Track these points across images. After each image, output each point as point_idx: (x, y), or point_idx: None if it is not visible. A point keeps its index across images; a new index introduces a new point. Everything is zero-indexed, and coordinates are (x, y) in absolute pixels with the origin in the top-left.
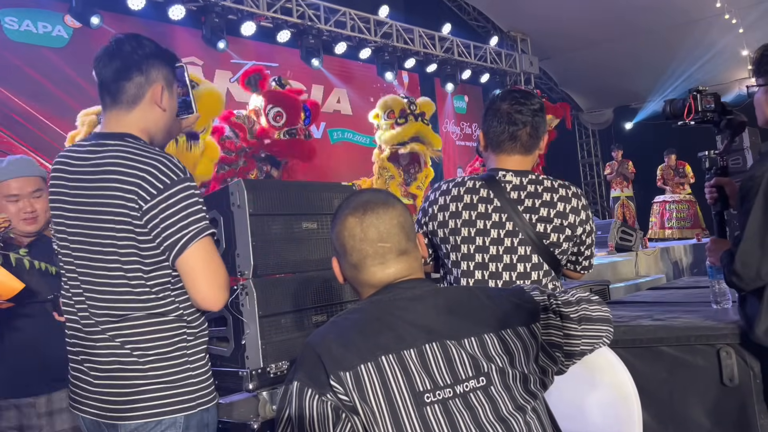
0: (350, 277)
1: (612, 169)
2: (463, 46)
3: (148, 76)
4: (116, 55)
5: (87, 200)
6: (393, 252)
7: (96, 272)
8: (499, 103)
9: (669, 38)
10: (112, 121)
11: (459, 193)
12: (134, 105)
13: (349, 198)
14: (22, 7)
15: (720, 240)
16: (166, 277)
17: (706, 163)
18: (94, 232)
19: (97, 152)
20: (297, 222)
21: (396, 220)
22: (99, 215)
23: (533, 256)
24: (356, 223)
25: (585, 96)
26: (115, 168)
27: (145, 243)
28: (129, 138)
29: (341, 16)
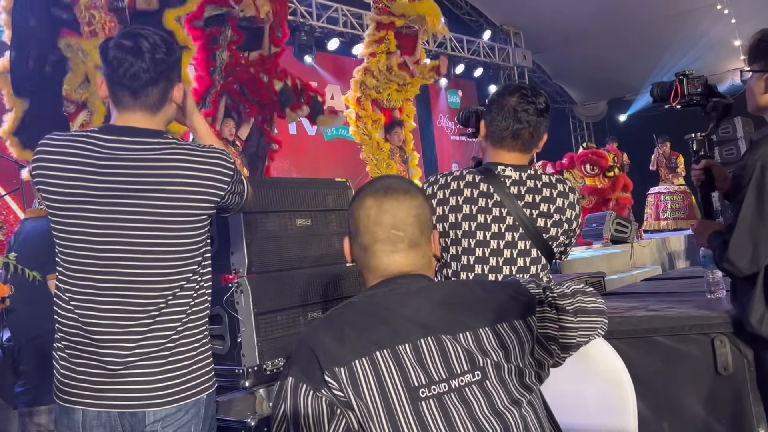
0: (358, 258)
1: None
2: (456, 40)
3: (171, 78)
4: (141, 56)
5: (146, 194)
6: (404, 242)
7: (143, 263)
8: (507, 98)
9: (661, 30)
10: (136, 119)
11: (459, 187)
12: (160, 108)
13: (373, 180)
14: None
15: (706, 222)
16: (197, 265)
17: (693, 146)
18: (156, 225)
19: (143, 149)
20: (291, 219)
21: (414, 211)
22: (168, 209)
23: (533, 250)
24: (374, 204)
25: (579, 89)
26: (181, 164)
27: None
28: (166, 135)
29: (333, 12)
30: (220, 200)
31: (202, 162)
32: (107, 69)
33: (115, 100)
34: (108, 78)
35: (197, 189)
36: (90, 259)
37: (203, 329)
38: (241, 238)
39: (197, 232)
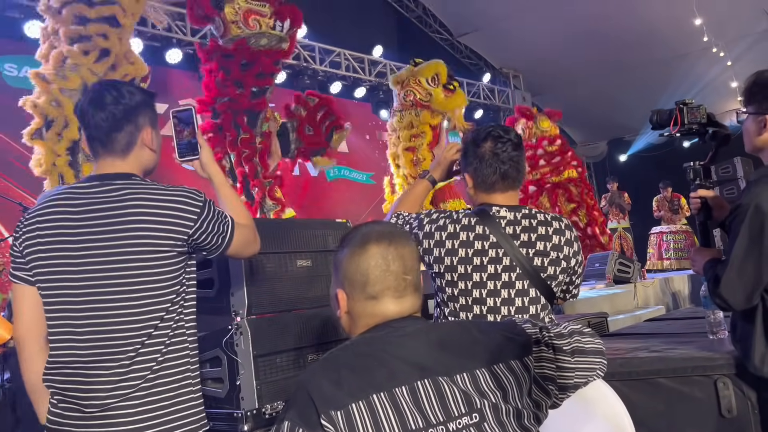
0: (358, 309)
1: (607, 200)
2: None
3: (136, 123)
4: (102, 107)
5: (112, 234)
6: (411, 286)
7: (118, 303)
8: (482, 144)
9: (658, 72)
10: (108, 166)
11: (455, 230)
12: (128, 152)
13: (363, 228)
14: (21, 54)
15: (703, 249)
16: (179, 303)
17: (690, 174)
18: (123, 265)
19: (108, 191)
20: (291, 260)
21: (416, 254)
22: (132, 248)
23: (531, 289)
24: (382, 253)
25: (579, 129)
26: (144, 202)
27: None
28: (135, 177)
29: (336, 57)
30: (187, 238)
31: (163, 200)
32: (81, 124)
33: (91, 151)
34: (83, 132)
35: (159, 227)
36: (68, 305)
37: (183, 369)
38: (241, 279)
39: (166, 269)
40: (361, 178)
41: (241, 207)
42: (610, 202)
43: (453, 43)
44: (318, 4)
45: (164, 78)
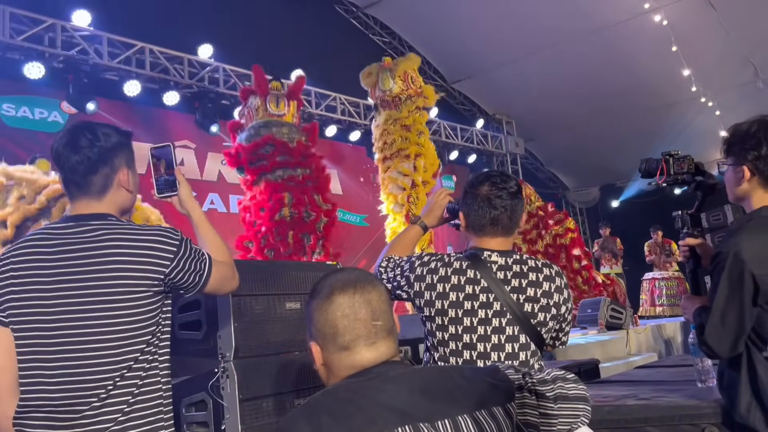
0: (333, 361)
1: (600, 246)
2: (450, 128)
3: (112, 165)
4: (77, 149)
5: (87, 275)
6: (383, 331)
7: (91, 345)
8: (479, 188)
9: (649, 119)
10: (84, 207)
11: (446, 274)
12: (104, 193)
13: (333, 277)
14: (20, 95)
15: (693, 297)
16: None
17: (678, 223)
18: (97, 306)
19: (84, 231)
20: (280, 302)
21: (384, 297)
22: (108, 288)
23: (521, 335)
24: (348, 301)
25: (571, 175)
26: (120, 242)
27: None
28: (111, 217)
29: (332, 101)
30: (163, 277)
31: (139, 240)
32: (55, 165)
33: (67, 193)
34: (59, 173)
35: (135, 267)
36: (39, 346)
37: (156, 411)
38: (229, 321)
39: (142, 310)
40: (355, 220)
41: (219, 243)
42: (602, 247)
43: (447, 89)
44: (315, 51)
45: (162, 120)
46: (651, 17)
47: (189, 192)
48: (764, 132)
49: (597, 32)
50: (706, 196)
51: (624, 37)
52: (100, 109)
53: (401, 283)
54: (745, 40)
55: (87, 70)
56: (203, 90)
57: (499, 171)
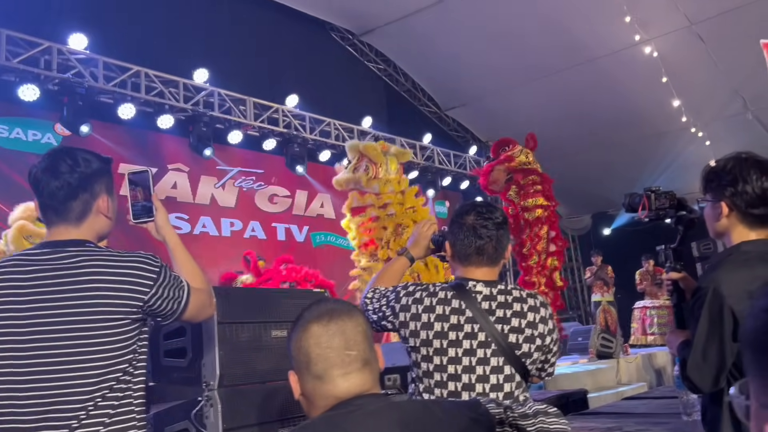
0: (310, 390)
1: (592, 273)
2: (443, 154)
3: (92, 191)
4: (57, 175)
5: (64, 302)
6: (358, 361)
7: (66, 375)
8: (465, 217)
9: (640, 148)
10: (61, 233)
11: (431, 303)
12: (82, 220)
13: (310, 307)
14: (13, 116)
15: (677, 331)
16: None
17: (661, 257)
18: (74, 333)
19: (61, 258)
20: (266, 330)
21: (360, 327)
22: (85, 315)
23: (506, 366)
24: (322, 330)
25: (563, 202)
26: (99, 269)
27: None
28: (89, 244)
29: (326, 126)
30: (142, 304)
31: (119, 266)
32: (33, 190)
33: (44, 219)
34: (36, 198)
35: (114, 293)
36: (12, 368)
37: None
38: (214, 348)
39: (120, 338)
40: (346, 244)
41: (196, 270)
42: (594, 275)
43: (441, 116)
44: (310, 76)
45: (155, 143)
46: (642, 49)
47: (165, 218)
48: (740, 168)
49: (590, 62)
50: (687, 230)
51: (616, 68)
52: (94, 132)
53: (386, 313)
54: (733, 73)
55: (82, 93)
56: (198, 114)
57: (486, 202)
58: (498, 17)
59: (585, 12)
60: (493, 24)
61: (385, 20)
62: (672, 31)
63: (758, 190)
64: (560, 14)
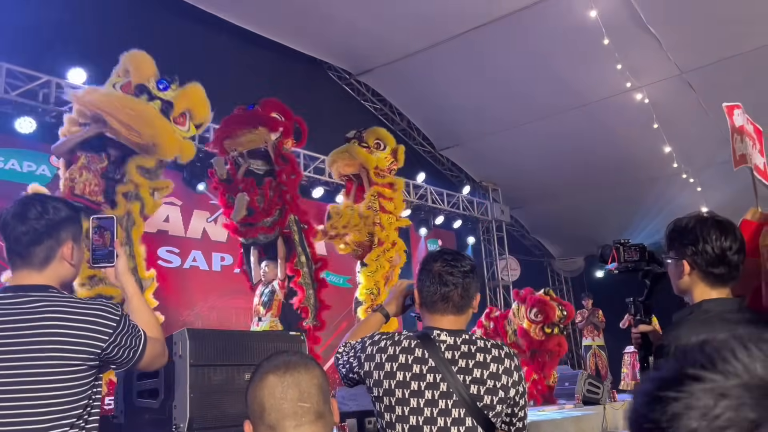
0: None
1: (583, 317)
2: (437, 193)
3: (57, 238)
4: (24, 221)
5: (23, 347)
6: (310, 414)
7: (22, 419)
8: (431, 264)
9: (632, 192)
10: (24, 277)
11: (394, 353)
12: (46, 265)
13: (270, 357)
14: (9, 147)
15: None
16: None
17: (631, 309)
18: (31, 378)
19: (23, 302)
20: (239, 373)
21: (316, 380)
22: (43, 360)
23: (467, 419)
24: (277, 381)
25: (556, 243)
26: (59, 315)
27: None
28: (52, 290)
29: (320, 163)
30: (100, 352)
31: (79, 313)
32: (0, 234)
33: (9, 263)
34: (4, 242)
35: (73, 340)
36: None
37: None
38: (185, 390)
39: (75, 383)
40: (339, 281)
41: (152, 319)
42: (585, 319)
43: (435, 155)
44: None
45: None
46: (633, 95)
47: (126, 266)
48: (700, 228)
49: (582, 107)
50: (655, 284)
51: (607, 113)
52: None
53: (353, 364)
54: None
55: None
56: None
57: (455, 250)
58: (492, 61)
59: (577, 58)
60: (487, 67)
61: (382, 61)
62: (663, 79)
63: (717, 250)
64: (552, 60)
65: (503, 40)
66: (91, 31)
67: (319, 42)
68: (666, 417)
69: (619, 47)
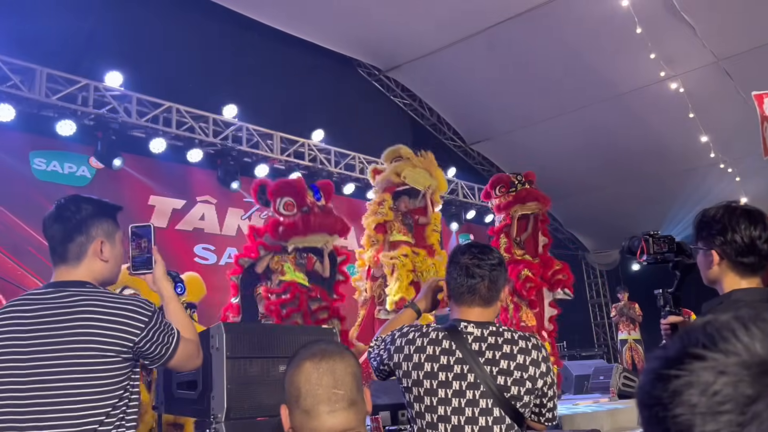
0: (298, 425)
1: (618, 311)
2: (468, 188)
3: (88, 235)
4: (58, 219)
5: (60, 338)
6: (344, 400)
7: (59, 407)
8: (459, 257)
9: (669, 183)
10: (63, 274)
11: (422, 344)
12: (79, 261)
13: (307, 346)
14: (51, 150)
15: None
16: (121, 409)
17: (660, 301)
18: (67, 368)
19: (61, 297)
20: (274, 365)
21: (350, 369)
22: (78, 351)
23: (495, 409)
24: (313, 368)
25: (591, 236)
26: (94, 308)
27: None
28: (89, 285)
29: (351, 160)
30: (132, 345)
31: (112, 307)
32: (44, 234)
33: (51, 261)
34: (47, 242)
35: (106, 333)
36: (12, 400)
37: None
38: (222, 381)
39: (110, 374)
40: None
41: (187, 322)
42: (620, 312)
43: (466, 149)
44: (336, 111)
45: (185, 175)
46: (668, 84)
47: (163, 271)
48: (729, 217)
49: (615, 98)
50: (685, 275)
51: (641, 104)
52: (127, 165)
53: (383, 357)
54: None
55: (116, 128)
56: (226, 148)
57: (483, 243)
58: (521, 54)
59: (609, 49)
60: (517, 60)
61: (411, 57)
62: (698, 67)
63: (747, 240)
64: (583, 51)
65: (532, 32)
66: (127, 35)
67: (348, 39)
68: (668, 393)
69: (652, 36)
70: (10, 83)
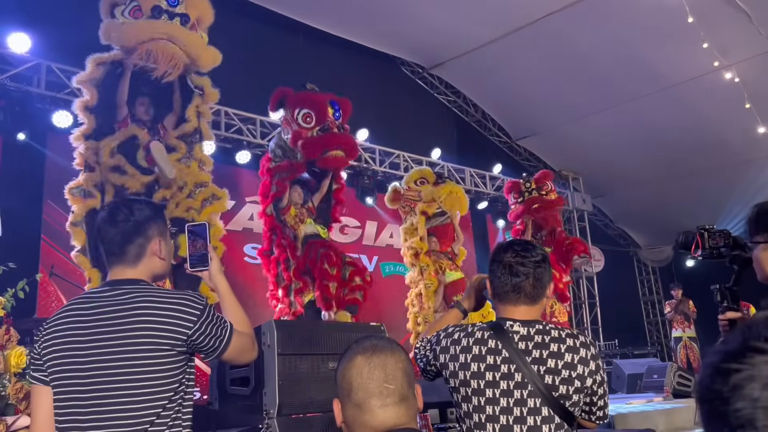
0: (349, 418)
1: (672, 307)
2: None
3: (146, 236)
4: (114, 224)
5: (117, 334)
6: (395, 395)
7: (118, 399)
8: (501, 255)
9: (724, 176)
10: (119, 273)
11: (468, 344)
12: (138, 261)
13: (359, 341)
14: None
15: None
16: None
17: (717, 296)
18: (124, 362)
19: (117, 294)
20: (324, 362)
21: (401, 365)
22: (135, 346)
23: (543, 408)
24: (365, 362)
25: (642, 232)
26: (149, 304)
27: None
28: (142, 282)
29: (395, 159)
30: (186, 338)
31: (165, 302)
32: (98, 238)
33: (106, 261)
34: (101, 245)
35: (160, 327)
36: (75, 400)
37: None
38: (274, 378)
39: (165, 367)
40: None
41: (243, 316)
42: (675, 309)
43: (512, 145)
44: (380, 109)
45: (234, 177)
46: (722, 75)
47: (219, 267)
48: None
49: (667, 89)
50: (743, 269)
51: (694, 94)
52: None
53: (429, 358)
54: None
55: None
56: None
57: (525, 240)
58: (567, 47)
59: (660, 40)
60: (562, 53)
61: (454, 53)
62: (754, 56)
63: None
64: (632, 42)
65: (578, 25)
66: None
67: (391, 38)
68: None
69: (705, 25)
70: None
